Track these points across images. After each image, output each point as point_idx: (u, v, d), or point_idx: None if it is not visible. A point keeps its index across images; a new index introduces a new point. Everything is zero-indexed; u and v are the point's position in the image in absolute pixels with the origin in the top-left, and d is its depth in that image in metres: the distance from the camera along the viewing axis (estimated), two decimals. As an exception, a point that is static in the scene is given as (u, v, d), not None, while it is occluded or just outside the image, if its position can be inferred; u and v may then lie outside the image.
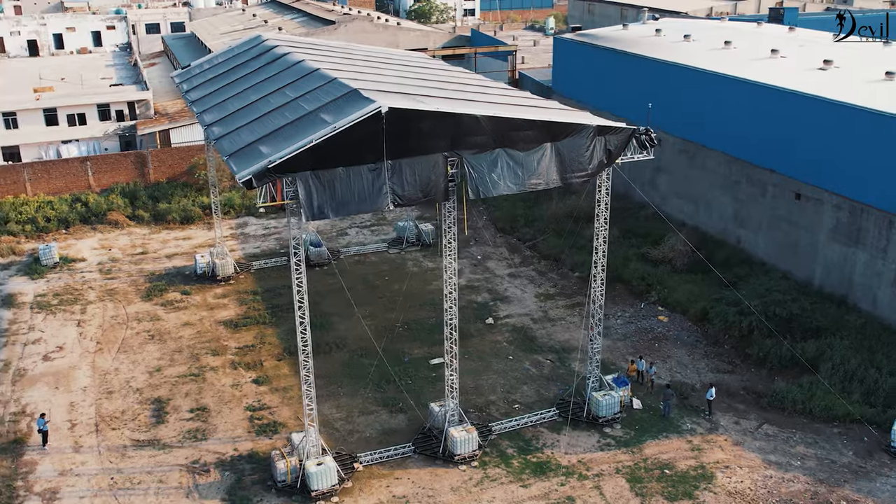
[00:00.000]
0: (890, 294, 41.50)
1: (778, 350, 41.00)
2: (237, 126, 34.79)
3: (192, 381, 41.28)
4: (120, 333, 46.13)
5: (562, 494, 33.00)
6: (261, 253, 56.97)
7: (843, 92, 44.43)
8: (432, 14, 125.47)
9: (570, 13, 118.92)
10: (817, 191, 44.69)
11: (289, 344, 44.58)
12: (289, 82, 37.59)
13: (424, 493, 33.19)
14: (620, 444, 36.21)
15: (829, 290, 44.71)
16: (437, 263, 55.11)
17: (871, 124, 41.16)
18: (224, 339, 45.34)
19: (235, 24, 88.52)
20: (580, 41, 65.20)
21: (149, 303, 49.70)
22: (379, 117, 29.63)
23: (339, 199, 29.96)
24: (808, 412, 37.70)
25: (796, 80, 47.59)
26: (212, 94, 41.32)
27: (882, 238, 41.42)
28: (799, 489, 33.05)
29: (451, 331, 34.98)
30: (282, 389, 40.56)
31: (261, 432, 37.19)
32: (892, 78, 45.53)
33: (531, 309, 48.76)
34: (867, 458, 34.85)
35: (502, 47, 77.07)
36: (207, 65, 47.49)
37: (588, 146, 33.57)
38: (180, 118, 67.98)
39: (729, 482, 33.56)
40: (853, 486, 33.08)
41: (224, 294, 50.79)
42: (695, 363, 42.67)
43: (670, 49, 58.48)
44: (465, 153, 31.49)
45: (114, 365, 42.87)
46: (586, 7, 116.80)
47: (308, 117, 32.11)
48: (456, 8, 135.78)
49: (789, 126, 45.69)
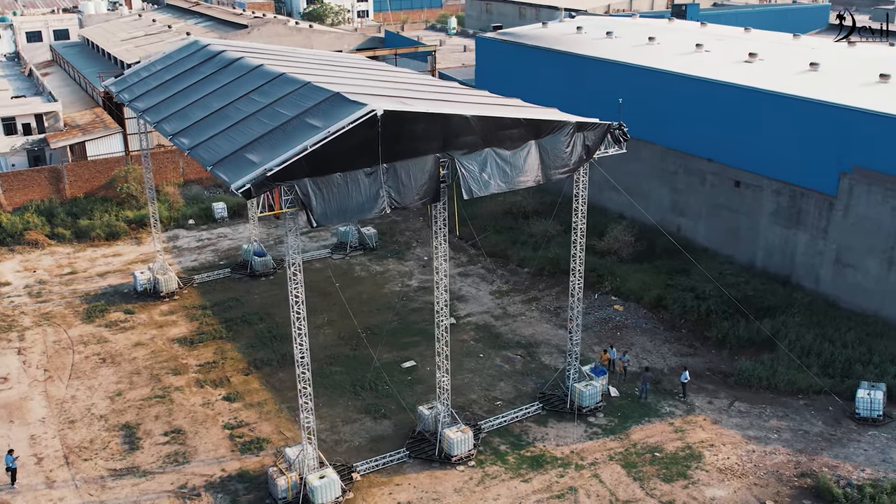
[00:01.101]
0: (832, 272, 44.23)
1: (736, 331, 43.01)
2: (210, 134, 33.49)
3: (158, 403, 39.43)
4: (67, 359, 43.51)
5: (563, 486, 33.52)
6: (199, 266, 54.95)
7: (775, 82, 47.00)
8: (327, 16, 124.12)
9: (466, 13, 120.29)
10: (756, 178, 47.08)
11: (252, 358, 43.28)
12: (255, 87, 36.46)
13: (429, 496, 32.98)
14: (607, 432, 37.08)
15: (772, 272, 47.21)
16: (384, 267, 54.78)
17: (807, 112, 43.71)
18: (182, 358, 43.52)
19: (134, 31, 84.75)
20: (505, 40, 66.10)
21: (91, 325, 47.08)
22: (374, 120, 29.23)
23: (337, 205, 29.36)
24: (774, 387, 39.70)
25: (727, 73, 49.98)
26: (165, 103, 39.55)
27: (822, 219, 44.09)
28: (782, 460, 34.80)
29: (442, 332, 34.85)
30: (256, 405, 39.31)
31: (245, 450, 35.94)
32: (816, 68, 48.49)
33: (489, 306, 49.15)
34: (836, 426, 37.05)
35: (421, 48, 77.18)
36: (145, 72, 45.37)
37: (569, 143, 34.21)
38: (94, 129, 64.62)
39: (717, 460, 34.96)
40: (830, 454, 35.11)
41: (171, 311, 48.69)
42: (657, 349, 44.15)
43: (597, 46, 60.16)
44: (455, 154, 31.48)
45: (69, 392, 40.41)
46: (483, 7, 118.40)
47: (293, 123, 31.29)
48: (349, 10, 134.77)
49: (726, 117, 47.91)
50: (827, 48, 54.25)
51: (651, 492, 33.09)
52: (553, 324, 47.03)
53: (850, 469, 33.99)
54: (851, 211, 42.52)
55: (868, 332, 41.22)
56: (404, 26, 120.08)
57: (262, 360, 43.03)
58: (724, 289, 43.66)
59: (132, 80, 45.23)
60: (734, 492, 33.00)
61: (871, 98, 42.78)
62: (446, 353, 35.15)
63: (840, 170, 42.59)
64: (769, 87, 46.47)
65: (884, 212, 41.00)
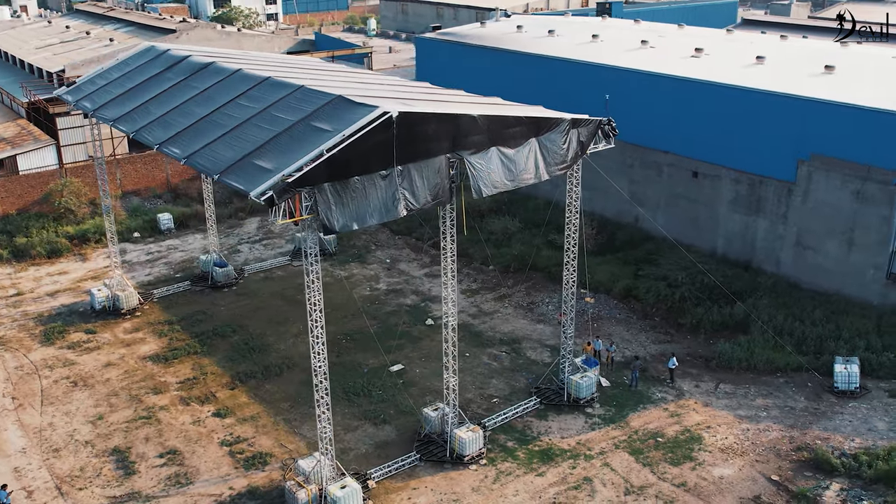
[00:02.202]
0: (792, 255, 46.46)
1: (710, 315, 44.63)
2: (206, 142, 32.33)
3: (145, 425, 37.77)
4: (35, 384, 41.11)
5: (578, 476, 34.04)
6: (155, 280, 52.84)
7: (727, 75, 49.00)
8: (237, 20, 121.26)
9: (381, 14, 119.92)
10: (714, 168, 48.96)
11: (234, 372, 42.02)
12: (241, 92, 35.40)
13: (448, 498, 32.87)
14: (607, 422, 37.85)
15: (732, 258, 49.17)
16: (348, 272, 54.11)
17: (765, 103, 45.75)
18: (159, 376, 41.81)
19: (48, 38, 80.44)
20: (447, 40, 66.33)
21: (52, 347, 44.61)
22: (390, 122, 28.95)
23: (357, 210, 28.93)
24: (753, 367, 41.38)
25: (679, 68, 51.76)
26: (138, 111, 37.88)
27: (782, 205, 46.27)
28: (776, 437, 36.37)
29: (450, 332, 34.77)
30: (250, 419, 38.20)
31: (249, 466, 34.89)
32: (762, 62, 50.80)
33: (463, 306, 49.25)
34: (818, 400, 38.97)
35: (358, 49, 76.49)
36: (102, 80, 43.28)
37: (565, 139, 34.74)
38: (23, 142, 61.17)
39: (716, 440, 36.23)
40: (819, 427, 36.92)
41: (135, 328, 46.68)
42: (635, 337, 45.32)
43: (543, 44, 61.16)
44: (464, 153, 31.51)
45: (45, 420, 38.21)
46: (399, 7, 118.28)
47: (299, 127, 30.59)
48: (259, 13, 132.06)
49: (684, 110, 49.60)
50: (764, 43, 56.86)
51: (662, 476, 34.01)
52: (529, 319, 47.59)
53: (840, 440, 35.85)
54: (811, 196, 44.80)
55: (832, 309, 43.53)
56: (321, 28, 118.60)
57: (245, 373, 41.81)
58: (696, 275, 45.25)
59: (88, 88, 43.08)
60: (739, 469, 34.29)
61: (821, 88, 45.17)
62: (453, 354, 35.11)
63: (798, 157, 44.78)
64: (721, 80, 48.41)
65: (843, 196, 43.38)
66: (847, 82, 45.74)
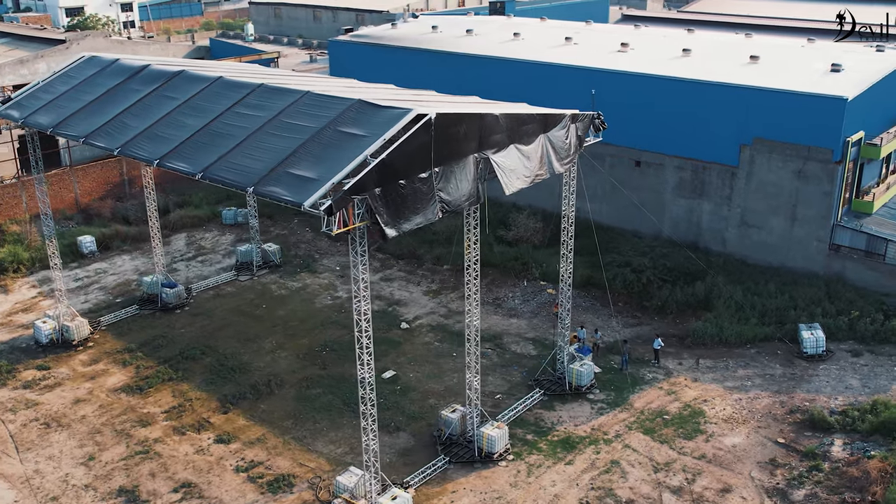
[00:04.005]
0: (738, 234, 49.62)
1: (674, 296, 46.92)
2: (218, 154, 30.60)
3: (145, 460, 35.32)
4: (1, 430, 37.42)
5: (605, 460, 35.01)
6: (95, 307, 49.21)
7: (661, 68, 51.60)
8: (95, 27, 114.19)
9: (253, 18, 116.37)
10: (657, 156, 51.44)
11: (221, 395, 40.02)
12: (235, 100, 33.70)
13: (491, 497, 32.94)
14: (612, 406, 39.08)
15: (678, 240, 51.81)
16: (301, 282, 52.62)
17: (707, 93, 48.56)
18: (139, 407, 39.14)
19: None
20: (363, 42, 65.66)
21: (4, 389, 40.70)
22: (429, 124, 28.69)
23: (402, 214, 28.46)
24: (724, 341, 43.87)
25: (612, 61, 53.94)
26: (111, 125, 35.13)
27: (726, 187, 49.30)
28: (768, 403, 38.88)
29: (472, 333, 34.77)
30: (257, 441, 36.54)
31: (276, 490, 33.45)
32: (689, 54, 53.83)
33: (431, 307, 49.17)
34: (791, 366, 41.93)
35: (265, 55, 74.00)
36: (47, 94, 39.70)
37: (567, 134, 35.60)
38: (-90, 168, 55.13)
39: (717, 412, 38.27)
40: (801, 390, 39.78)
41: (93, 359, 43.37)
42: (606, 323, 46.89)
43: (466, 42, 61.82)
44: (488, 152, 31.65)
45: (28, 467, 34.90)
46: (272, 11, 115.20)
47: (327, 134, 29.61)
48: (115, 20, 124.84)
49: (625, 103, 51.64)
50: (684, 37, 60.02)
51: (682, 451, 35.60)
52: (501, 315, 48.18)
53: (825, 399, 38.81)
54: (754, 178, 48.02)
55: (783, 281, 46.91)
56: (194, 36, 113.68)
57: (233, 395, 39.89)
58: (658, 259, 47.47)
59: (33, 103, 39.44)
60: (747, 437, 36.44)
61: (755, 77, 48.53)
62: (476, 354, 35.16)
63: (741, 142, 47.89)
64: (655, 72, 50.95)
65: (785, 175, 46.82)
66: (775, 70, 49.35)
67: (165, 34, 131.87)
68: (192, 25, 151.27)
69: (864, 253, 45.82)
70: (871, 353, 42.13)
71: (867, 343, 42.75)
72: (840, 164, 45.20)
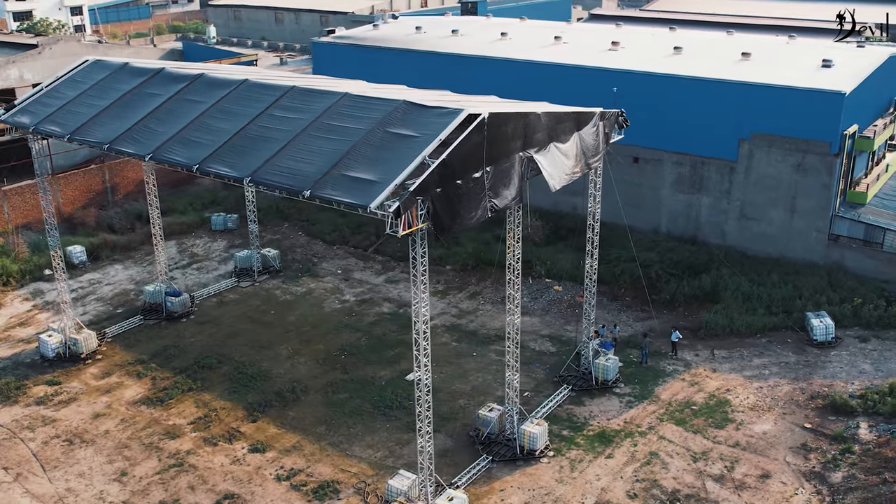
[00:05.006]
0: (736, 227, 50.81)
1: (682, 290, 47.79)
2: (263, 158, 30.09)
3: (181, 473, 34.50)
4: (21, 450, 36.10)
5: (643, 452, 35.52)
6: (96, 319, 47.78)
7: (657, 65, 52.49)
8: (46, 32, 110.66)
9: (211, 21, 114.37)
10: (656, 152, 52.31)
11: (247, 402, 39.34)
12: (269, 103, 33.20)
13: (540, 494, 33.12)
14: (640, 399, 39.65)
15: (677, 234, 52.84)
16: (304, 287, 52.01)
17: (706, 89, 49.57)
18: (164, 419, 38.21)
19: None
20: (349, 44, 65.18)
21: (17, 406, 39.29)
22: (483, 124, 28.75)
23: (457, 214, 28.50)
24: (736, 332, 44.90)
25: (604, 60, 54.65)
26: (135, 131, 34.27)
27: (725, 182, 50.43)
28: (788, 390, 39.93)
29: (512, 331, 34.92)
30: (293, 449, 36.02)
31: (322, 497, 33.04)
32: (680, 52, 54.90)
33: (441, 307, 49.13)
34: (803, 353, 43.11)
35: (244, 58, 72.79)
36: (55, 100, 38.36)
37: (596, 131, 36.02)
38: None
39: (741, 401, 39.15)
40: (819, 376, 40.96)
41: (105, 372, 42.15)
42: (616, 318, 47.49)
43: (454, 43, 61.88)
44: (531, 151, 31.86)
45: (59, 486, 33.76)
46: (232, 14, 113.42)
47: (377, 135, 29.43)
48: (65, 24, 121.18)
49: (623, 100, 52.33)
50: (670, 36, 61.13)
51: (715, 440, 36.33)
52: (512, 313, 48.35)
53: (842, 384, 40.04)
54: (752, 171, 49.25)
55: (785, 271, 48.19)
56: (154, 39, 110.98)
57: (259, 403, 39.22)
58: (665, 254, 48.32)
59: (41, 110, 38.09)
60: (775, 423, 37.38)
61: (750, 73, 49.77)
62: (516, 354, 35.31)
63: (739, 137, 49.07)
64: (652, 70, 51.83)
65: (784, 169, 48.14)
66: (768, 67, 50.70)
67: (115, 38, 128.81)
68: (140, 29, 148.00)
69: (862, 242, 47.42)
70: (878, 338, 43.60)
71: (872, 329, 44.22)
72: (838, 156, 46.68)
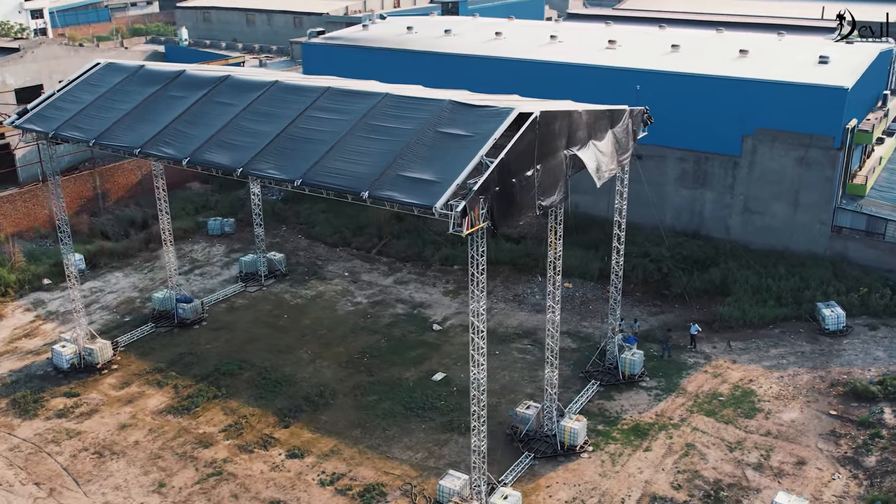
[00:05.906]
0: (740, 221, 51.78)
1: (693, 284, 48.54)
2: (311, 160, 29.72)
3: (221, 482, 33.94)
4: (50, 464, 35.13)
5: (679, 444, 36.03)
6: (104, 327, 46.64)
7: (654, 63, 53.20)
8: (7, 35, 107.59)
9: (181, 22, 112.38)
10: (660, 149, 52.96)
11: (276, 408, 38.88)
12: (307, 104, 32.78)
13: (586, 488, 33.38)
14: (667, 391, 40.19)
15: (680, 229, 53.62)
16: (314, 290, 51.54)
17: (710, 86, 50.39)
18: (193, 428, 37.55)
19: None
20: (343, 45, 64.76)
21: (38, 419, 38.21)
22: (535, 123, 28.90)
23: (511, 212, 28.65)
24: (749, 323, 45.79)
25: (604, 58, 55.21)
26: (163, 135, 33.53)
27: (728, 177, 51.37)
28: (808, 379, 40.85)
29: (552, 328, 35.11)
30: (332, 454, 35.70)
31: (369, 500, 32.83)
32: (678, 49, 55.74)
33: (455, 307, 49.14)
34: (817, 342, 44.13)
35: (232, 59, 71.66)
36: (71, 105, 37.30)
37: (626, 128, 36.40)
38: None
39: (765, 391, 39.95)
40: (836, 364, 41.99)
41: (124, 382, 41.23)
42: (630, 313, 47.97)
43: (449, 43, 61.87)
44: (574, 149, 32.09)
45: (97, 500, 32.94)
46: (201, 15, 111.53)
47: (427, 135, 29.34)
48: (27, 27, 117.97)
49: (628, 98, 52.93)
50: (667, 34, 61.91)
51: (747, 429, 37.02)
52: (527, 311, 48.61)
53: (859, 371, 41.12)
54: (756, 166, 50.25)
55: (791, 263, 49.26)
56: (123, 41, 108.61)
57: (289, 408, 38.79)
58: (675, 249, 49.06)
59: (58, 115, 37.01)
60: (801, 411, 38.24)
61: (748, 70, 50.79)
62: (555, 350, 35.52)
63: (743, 133, 50.01)
64: (649, 67, 52.52)
65: (787, 163, 49.21)
66: (767, 63, 51.78)
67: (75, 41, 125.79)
68: (100, 32, 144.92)
69: (864, 233, 48.75)
70: (887, 326, 44.86)
71: (880, 317, 45.49)
72: (840, 150, 47.91)
